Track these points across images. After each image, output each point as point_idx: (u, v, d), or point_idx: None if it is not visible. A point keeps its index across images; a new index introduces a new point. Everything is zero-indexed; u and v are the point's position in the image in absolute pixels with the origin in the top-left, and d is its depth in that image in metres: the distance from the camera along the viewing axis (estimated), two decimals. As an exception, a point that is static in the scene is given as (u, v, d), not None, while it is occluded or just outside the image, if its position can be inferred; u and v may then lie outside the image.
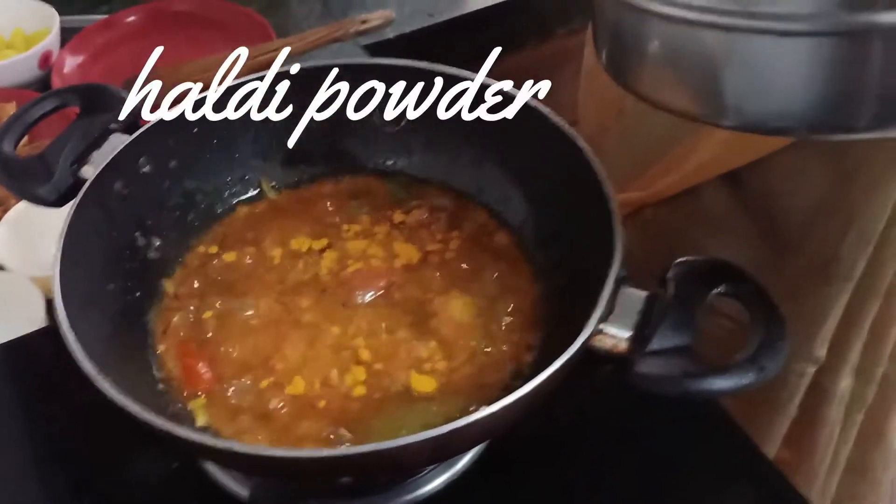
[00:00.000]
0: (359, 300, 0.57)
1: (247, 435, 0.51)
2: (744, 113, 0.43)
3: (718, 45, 0.41)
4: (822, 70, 0.40)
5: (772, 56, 0.40)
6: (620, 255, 0.48)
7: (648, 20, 0.43)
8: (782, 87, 0.41)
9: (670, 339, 0.45)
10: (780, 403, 0.78)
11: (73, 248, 0.52)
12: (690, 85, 0.44)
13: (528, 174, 0.60)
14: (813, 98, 0.41)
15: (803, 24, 0.38)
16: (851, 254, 0.68)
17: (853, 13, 0.37)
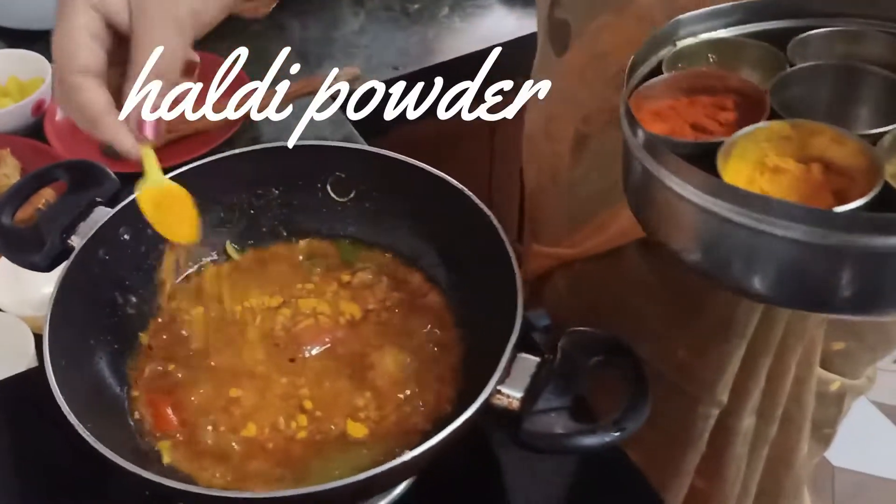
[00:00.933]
0: (306, 354, 0.67)
1: (205, 472, 0.60)
2: (737, 283, 0.50)
3: (731, 233, 0.48)
4: (809, 267, 0.47)
5: (770, 249, 0.47)
6: (519, 328, 0.58)
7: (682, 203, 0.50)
8: (773, 273, 0.49)
9: (554, 401, 0.55)
10: (691, 441, 0.87)
11: (61, 309, 0.61)
12: (703, 251, 0.51)
13: (454, 247, 0.70)
14: (793, 287, 0.49)
15: (802, 235, 0.45)
16: (745, 316, 0.77)
17: (837, 234, 0.45)
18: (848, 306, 0.48)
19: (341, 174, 0.73)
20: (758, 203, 0.46)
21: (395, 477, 0.58)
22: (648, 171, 0.51)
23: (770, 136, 0.52)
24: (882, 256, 0.45)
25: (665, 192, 0.50)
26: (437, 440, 0.52)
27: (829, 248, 0.45)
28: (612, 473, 0.69)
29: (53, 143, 1.00)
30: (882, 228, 0.44)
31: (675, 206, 0.51)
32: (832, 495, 1.78)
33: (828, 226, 0.45)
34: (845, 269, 0.46)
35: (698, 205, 0.48)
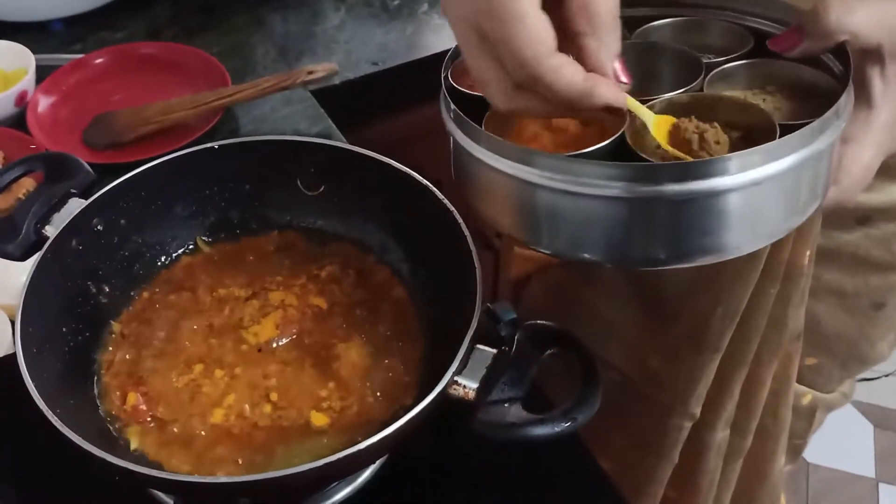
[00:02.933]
0: (273, 344, 0.69)
1: (173, 458, 0.62)
2: (556, 246, 0.55)
3: (548, 199, 0.52)
4: (616, 222, 0.51)
5: (579, 209, 0.52)
6: (477, 321, 0.60)
7: (486, 169, 0.54)
8: (588, 233, 0.53)
9: (508, 392, 0.57)
10: (663, 452, 0.88)
11: (34, 298, 0.63)
12: (519, 221, 0.56)
13: (419, 242, 0.72)
14: (609, 242, 0.53)
15: (609, 191, 0.50)
16: (719, 328, 0.78)
17: (643, 184, 0.49)
18: (665, 258, 0.52)
19: (312, 169, 0.74)
20: (522, 156, 0.51)
21: (353, 464, 0.60)
22: (457, 143, 0.55)
23: None
24: (674, 203, 0.49)
25: (472, 163, 0.55)
26: (392, 430, 0.54)
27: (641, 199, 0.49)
28: (581, 479, 0.71)
29: (35, 133, 1.02)
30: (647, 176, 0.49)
31: (480, 176, 0.55)
32: (806, 492, 1.81)
33: (591, 175, 0.50)
34: (659, 219, 0.50)
35: (494, 168, 0.52)
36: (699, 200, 0.49)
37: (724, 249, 0.52)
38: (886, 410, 1.95)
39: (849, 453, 1.87)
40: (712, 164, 0.49)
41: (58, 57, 1.15)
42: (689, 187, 0.49)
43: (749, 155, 0.49)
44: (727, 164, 0.48)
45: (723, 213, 0.50)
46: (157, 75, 1.12)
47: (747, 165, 0.49)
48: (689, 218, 0.50)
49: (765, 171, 0.49)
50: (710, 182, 0.48)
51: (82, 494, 0.68)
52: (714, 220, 0.50)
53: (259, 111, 1.06)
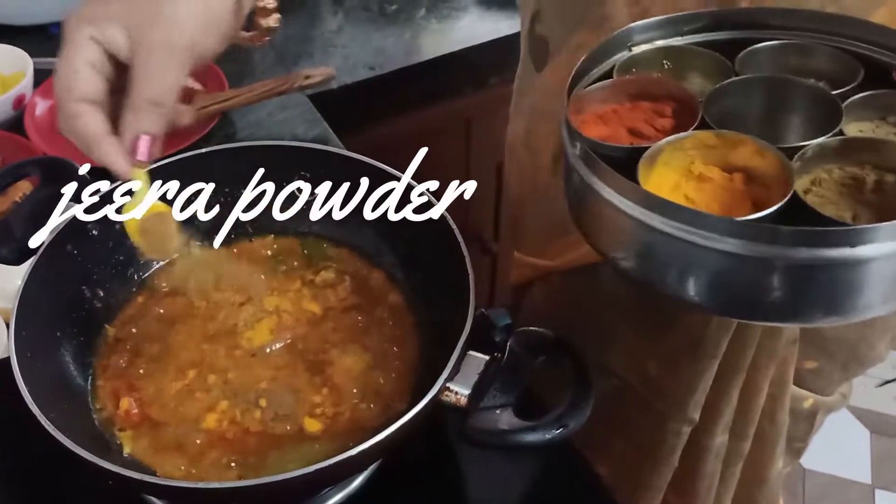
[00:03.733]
0: (267, 350, 0.69)
1: (165, 463, 0.62)
2: (669, 290, 0.53)
3: (665, 245, 0.51)
4: (759, 281, 0.49)
5: (699, 259, 0.50)
6: (469, 327, 0.60)
7: (631, 221, 0.51)
8: (725, 288, 0.51)
9: (500, 398, 0.57)
10: (662, 457, 0.88)
11: (28, 303, 0.63)
12: (637, 261, 0.54)
13: (413, 247, 0.72)
14: (745, 296, 0.51)
15: (726, 246, 0.48)
16: (715, 336, 0.78)
17: (758, 244, 0.47)
18: (775, 314, 0.50)
19: (306, 174, 0.75)
20: (672, 211, 0.49)
21: (346, 470, 0.60)
22: (583, 180, 0.53)
23: (696, 145, 0.55)
24: (797, 268, 0.47)
25: (598, 201, 0.52)
26: (383, 436, 0.54)
27: (743, 256, 0.48)
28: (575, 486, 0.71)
29: (33, 137, 1.02)
30: (792, 241, 0.46)
31: (606, 215, 0.53)
32: (803, 497, 1.81)
33: (741, 236, 0.47)
34: (767, 279, 0.48)
35: (625, 212, 0.51)
36: (857, 265, 0.47)
37: (856, 312, 0.50)
38: (883, 416, 1.95)
39: (845, 458, 1.87)
40: (862, 232, 0.46)
41: (55, 61, 1.15)
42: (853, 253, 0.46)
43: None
44: (875, 233, 0.46)
45: (863, 280, 0.48)
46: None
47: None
48: (836, 281, 0.48)
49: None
50: (857, 250, 0.46)
51: (76, 499, 0.68)
52: (850, 287, 0.48)
53: (256, 116, 1.06)
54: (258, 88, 1.05)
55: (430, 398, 0.57)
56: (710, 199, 0.53)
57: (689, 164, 0.55)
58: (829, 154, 0.54)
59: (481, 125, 1.30)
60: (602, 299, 0.86)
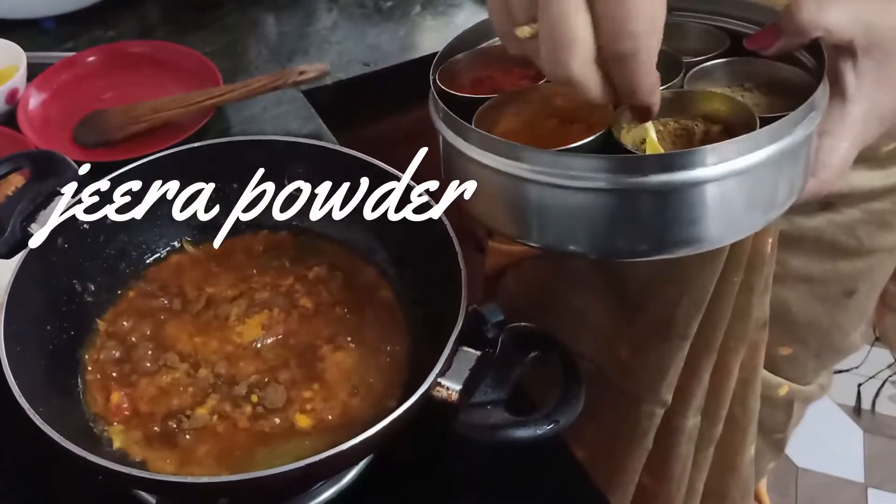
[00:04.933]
0: (258, 345, 0.68)
1: (155, 457, 0.62)
2: (544, 240, 0.55)
3: (537, 193, 0.53)
4: (600, 214, 0.52)
5: (565, 202, 0.52)
6: (461, 323, 0.60)
7: (474, 165, 0.55)
8: (574, 226, 0.53)
9: (491, 394, 0.57)
10: (636, 439, 0.89)
11: (18, 296, 0.63)
12: (508, 217, 0.56)
13: (406, 242, 0.72)
14: (595, 234, 0.53)
15: (593, 183, 0.50)
16: (685, 316, 0.79)
17: (628, 176, 0.50)
18: (646, 249, 0.54)
19: (299, 169, 0.74)
20: (498, 147, 0.52)
21: (337, 465, 0.60)
22: (447, 142, 0.56)
23: (541, 97, 0.59)
24: (658, 194, 0.50)
25: (455, 156, 0.56)
26: (374, 431, 0.54)
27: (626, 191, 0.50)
28: (558, 472, 0.72)
29: (26, 131, 1.02)
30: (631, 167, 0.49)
31: (460, 168, 0.56)
32: (795, 496, 1.81)
33: (601, 169, 0.50)
34: (642, 210, 0.51)
35: (474, 160, 0.54)
36: (680, 191, 0.50)
37: (703, 241, 0.53)
38: (876, 415, 1.95)
39: (838, 458, 1.87)
40: (692, 154, 0.49)
41: (49, 55, 1.15)
42: (670, 178, 0.49)
43: (728, 146, 0.49)
44: (706, 155, 0.49)
45: (703, 204, 0.51)
46: (148, 74, 1.12)
47: (726, 156, 0.49)
48: (670, 209, 0.51)
49: (743, 162, 0.50)
50: (690, 173, 0.49)
51: (66, 494, 0.68)
52: (694, 212, 0.51)
53: (250, 111, 1.06)
54: (252, 84, 1.05)
55: (422, 393, 0.57)
56: (549, 145, 0.55)
57: (534, 114, 0.59)
58: (665, 107, 0.56)
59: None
60: (572, 284, 0.87)
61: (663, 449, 0.90)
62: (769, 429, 0.97)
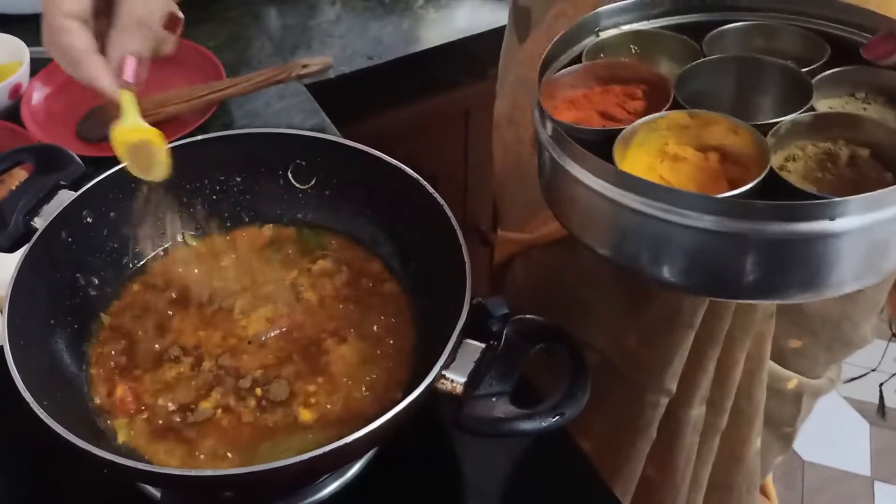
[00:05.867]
0: (263, 338, 0.68)
1: (159, 451, 0.62)
2: (645, 271, 0.53)
3: (641, 226, 0.51)
4: (713, 255, 0.50)
5: (675, 238, 0.50)
6: (466, 316, 0.59)
7: (607, 204, 0.51)
8: (700, 265, 0.51)
9: (496, 386, 0.57)
10: (640, 429, 0.89)
11: (22, 290, 0.63)
12: (612, 243, 0.54)
13: (410, 235, 0.71)
14: (720, 274, 0.51)
15: (703, 223, 0.48)
16: (691, 306, 0.78)
17: (735, 220, 0.47)
18: (750, 291, 0.50)
19: (302, 162, 0.74)
20: (648, 190, 0.49)
21: (341, 458, 0.59)
22: (556, 161, 0.53)
23: (670, 125, 0.55)
24: (772, 243, 0.47)
25: (571, 182, 0.53)
26: (377, 424, 0.54)
27: (720, 233, 0.48)
28: (563, 463, 0.71)
29: (29, 126, 1.01)
30: (770, 215, 0.46)
31: (580, 196, 0.53)
32: (801, 489, 1.81)
33: (718, 212, 0.47)
34: (743, 255, 0.48)
35: (599, 193, 0.51)
36: (811, 240, 0.47)
37: (827, 287, 0.50)
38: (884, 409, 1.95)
39: (845, 451, 1.87)
40: (829, 205, 0.46)
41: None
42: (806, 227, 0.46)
43: (877, 196, 0.46)
44: (845, 206, 0.46)
45: (833, 254, 0.48)
46: (151, 68, 1.10)
47: (874, 206, 0.46)
48: (808, 254, 0.48)
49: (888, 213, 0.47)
50: (824, 224, 0.46)
51: (70, 487, 0.68)
52: (821, 261, 0.48)
53: (253, 105, 1.06)
54: (255, 78, 1.05)
55: (426, 386, 0.57)
56: (686, 179, 0.53)
57: (664, 145, 0.55)
58: (803, 130, 0.54)
59: (480, 115, 1.30)
60: (579, 273, 0.87)
61: (668, 439, 0.89)
62: (777, 422, 0.96)
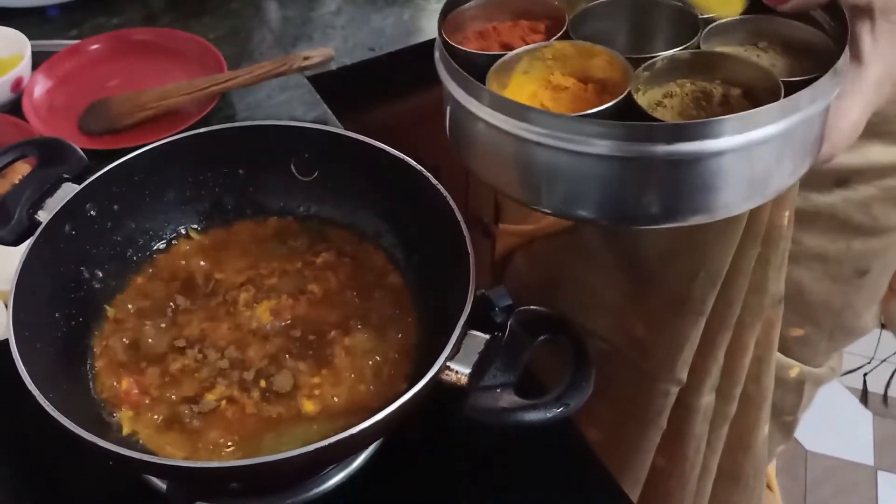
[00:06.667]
0: (267, 329, 0.68)
1: (164, 442, 0.62)
2: (554, 204, 0.55)
3: (547, 157, 0.52)
4: (615, 181, 0.52)
5: (579, 168, 0.52)
6: (470, 307, 0.59)
7: (485, 127, 0.54)
8: (586, 191, 0.53)
9: (500, 377, 0.57)
10: (650, 418, 0.89)
11: (26, 283, 0.63)
12: (517, 180, 0.56)
13: (413, 227, 0.72)
14: (608, 200, 0.53)
15: (603, 150, 0.50)
16: (701, 292, 0.78)
17: (635, 144, 0.49)
18: (654, 217, 0.53)
19: (305, 154, 0.74)
20: (521, 112, 0.51)
21: (346, 449, 0.60)
22: (455, 101, 0.55)
23: (555, 56, 0.58)
24: (664, 163, 0.49)
25: (461, 112, 0.54)
26: (382, 416, 0.54)
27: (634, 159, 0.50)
28: (565, 451, 0.71)
29: (31, 119, 1.01)
30: (623, 136, 0.49)
31: (467, 125, 0.55)
32: (805, 479, 1.81)
33: (574, 131, 0.50)
34: (632, 180, 0.51)
35: (482, 119, 0.52)
36: (692, 161, 0.49)
37: (715, 209, 0.52)
38: (886, 398, 1.95)
39: (848, 441, 1.87)
40: (711, 125, 0.48)
41: (54, 43, 1.14)
42: (681, 147, 0.49)
43: (746, 117, 0.48)
44: (726, 125, 0.48)
45: (715, 174, 0.50)
46: (152, 61, 1.12)
47: (742, 128, 0.48)
48: (681, 178, 0.51)
49: (760, 134, 0.49)
50: (708, 143, 0.48)
51: (76, 479, 0.68)
52: (705, 181, 0.50)
53: (255, 97, 1.06)
54: (257, 70, 1.05)
55: (431, 377, 0.57)
56: (565, 108, 0.55)
57: (550, 74, 0.57)
58: (683, 68, 0.56)
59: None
60: (584, 261, 0.87)
61: (677, 428, 0.89)
62: (779, 410, 0.97)
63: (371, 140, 0.72)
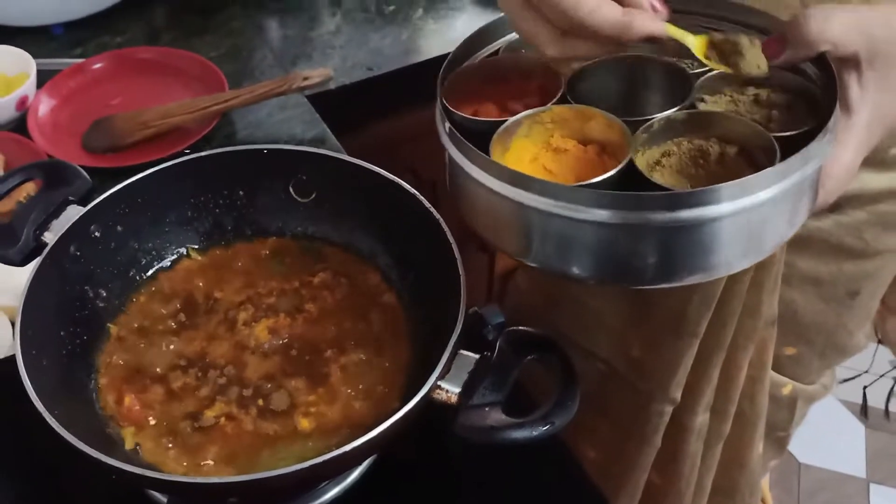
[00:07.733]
0: (265, 348, 0.71)
1: (166, 458, 0.64)
2: (549, 263, 0.57)
3: (542, 222, 0.54)
4: (612, 245, 0.53)
5: (578, 232, 0.53)
6: (460, 326, 0.62)
7: (485, 191, 0.55)
8: (583, 253, 0.55)
9: (489, 396, 0.59)
10: (646, 437, 0.91)
11: (33, 302, 0.65)
12: (514, 239, 0.58)
13: (407, 248, 0.74)
14: (604, 261, 0.55)
15: (601, 217, 0.51)
16: (696, 314, 0.80)
17: (635, 212, 0.51)
18: (652, 278, 0.54)
19: (303, 176, 0.76)
20: (518, 180, 0.52)
21: (340, 465, 0.62)
22: (453, 160, 0.57)
23: (554, 119, 0.59)
24: (662, 230, 0.51)
25: (464, 178, 0.56)
26: (374, 433, 0.56)
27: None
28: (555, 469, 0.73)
29: (36, 138, 1.03)
30: (623, 206, 0.50)
31: (471, 191, 0.57)
32: (797, 491, 1.83)
33: (574, 200, 0.51)
34: (633, 244, 0.52)
35: (485, 186, 0.54)
36: (695, 226, 0.50)
37: (714, 269, 0.53)
38: (878, 411, 1.96)
39: (840, 454, 1.88)
40: (710, 192, 0.49)
41: (58, 62, 1.17)
42: (687, 215, 0.50)
43: (748, 182, 0.49)
44: (724, 192, 0.49)
45: (718, 236, 0.51)
46: (155, 80, 1.14)
47: (746, 192, 0.49)
48: (682, 242, 0.52)
49: (763, 196, 0.50)
50: (707, 209, 0.50)
51: (79, 493, 0.70)
52: (708, 244, 0.51)
53: (255, 116, 1.08)
54: (257, 89, 1.07)
55: (422, 396, 0.59)
56: (567, 170, 0.57)
57: (550, 137, 0.59)
58: (679, 127, 0.57)
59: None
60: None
61: (672, 446, 0.91)
62: (772, 427, 0.98)
63: (367, 164, 0.74)
